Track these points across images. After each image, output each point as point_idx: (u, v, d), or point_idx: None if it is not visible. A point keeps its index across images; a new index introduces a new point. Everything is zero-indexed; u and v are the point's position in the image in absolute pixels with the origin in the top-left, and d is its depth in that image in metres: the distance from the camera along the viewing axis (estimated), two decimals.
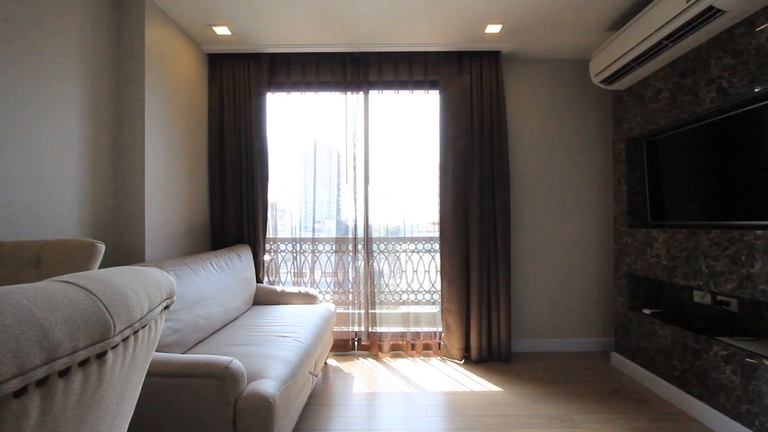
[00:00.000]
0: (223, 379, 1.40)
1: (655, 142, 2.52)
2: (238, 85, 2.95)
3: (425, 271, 3.21)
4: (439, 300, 3.03)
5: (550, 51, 3.02)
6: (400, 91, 3.05)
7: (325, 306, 2.71)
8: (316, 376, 2.24)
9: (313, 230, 3.13)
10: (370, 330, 3.04)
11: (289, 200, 3.21)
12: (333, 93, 3.06)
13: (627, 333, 2.67)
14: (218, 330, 2.17)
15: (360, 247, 3.08)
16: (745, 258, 1.80)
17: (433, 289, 3.19)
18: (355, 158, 3.05)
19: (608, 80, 2.61)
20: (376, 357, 3.00)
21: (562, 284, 3.16)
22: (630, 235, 2.64)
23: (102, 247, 1.30)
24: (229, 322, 2.31)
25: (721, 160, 2.04)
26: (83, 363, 0.41)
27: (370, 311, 3.05)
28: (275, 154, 3.14)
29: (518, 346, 3.12)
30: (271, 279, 3.16)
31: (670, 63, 2.25)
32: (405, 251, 3.22)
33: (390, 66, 3.02)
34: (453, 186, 2.92)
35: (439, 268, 3.04)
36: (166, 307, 0.60)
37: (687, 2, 1.84)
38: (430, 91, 3.07)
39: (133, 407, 0.58)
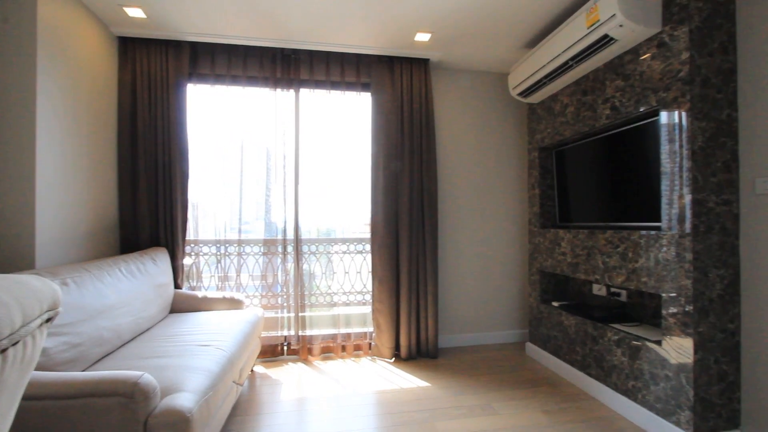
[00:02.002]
0: (131, 396, 1.27)
1: (562, 151, 2.80)
2: (154, 73, 2.70)
3: (357, 272, 3.22)
4: (371, 300, 3.06)
5: (475, 63, 3.21)
6: (332, 91, 3.03)
7: (252, 311, 2.59)
8: (241, 385, 2.13)
9: (240, 231, 2.98)
10: (300, 334, 2.97)
11: (214, 200, 3.02)
12: (262, 89, 2.94)
13: (539, 324, 2.93)
14: (128, 342, 1.97)
15: (290, 248, 3.00)
16: (631, 254, 2.07)
17: (364, 290, 3.21)
18: (285, 157, 2.96)
19: (524, 93, 2.85)
20: (306, 361, 2.94)
21: (483, 281, 3.38)
22: (541, 236, 2.91)
23: None
24: (141, 333, 2.11)
25: (614, 169, 2.33)
26: None
27: (300, 314, 2.98)
28: (198, 150, 2.93)
29: (445, 342, 3.27)
30: (192, 284, 2.94)
31: (575, 81, 2.52)
32: (337, 252, 3.20)
33: (322, 65, 2.99)
34: (384, 188, 2.97)
35: (370, 269, 3.07)
36: (48, 320, 0.53)
37: (588, 29, 2.07)
38: (362, 94, 3.09)
39: None
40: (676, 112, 1.82)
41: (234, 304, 2.65)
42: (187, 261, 2.91)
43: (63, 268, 1.73)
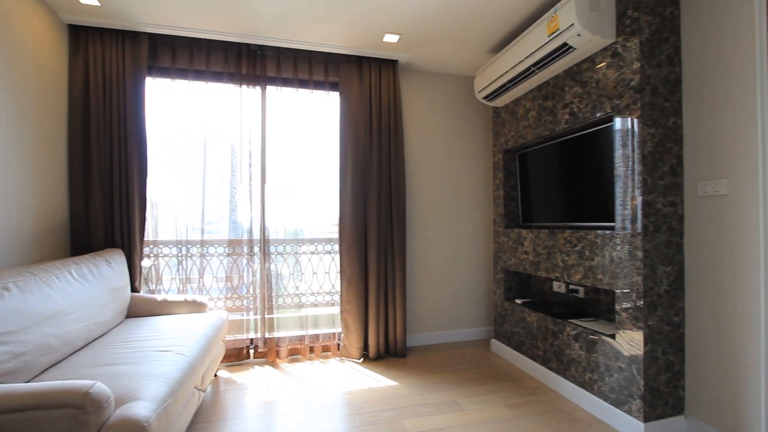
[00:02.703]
0: (81, 407, 1.19)
1: (525, 154, 2.90)
2: (109, 65, 2.55)
3: (325, 273, 3.19)
4: (339, 301, 3.04)
5: (442, 65, 3.27)
6: (300, 90, 2.98)
7: (216, 314, 2.50)
8: (203, 391, 2.05)
9: (203, 231, 2.87)
10: (266, 336, 2.90)
11: (175, 198, 2.90)
12: (227, 85, 2.85)
13: (504, 321, 3.03)
14: (79, 350, 1.85)
15: (256, 249, 2.93)
16: (588, 253, 2.18)
17: (333, 290, 3.19)
18: (251, 156, 2.89)
19: (489, 97, 2.93)
20: (273, 364, 2.88)
21: (451, 280, 3.44)
22: (505, 235, 3.00)
23: None
24: (94, 340, 1.99)
25: (573, 171, 2.45)
26: None
27: (266, 316, 2.92)
28: (158, 146, 2.80)
29: (413, 341, 3.31)
30: (151, 287, 2.81)
31: (537, 87, 2.62)
32: (305, 253, 3.16)
33: (289, 63, 2.94)
34: (352, 187, 2.96)
35: (339, 269, 3.05)
36: None
37: (548, 37, 2.16)
38: (331, 93, 3.07)
39: None
40: (629, 119, 1.93)
41: (196, 307, 2.56)
42: (145, 263, 2.77)
43: (5, 272, 1.60)
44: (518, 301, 2.90)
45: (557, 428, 2.01)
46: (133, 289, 2.59)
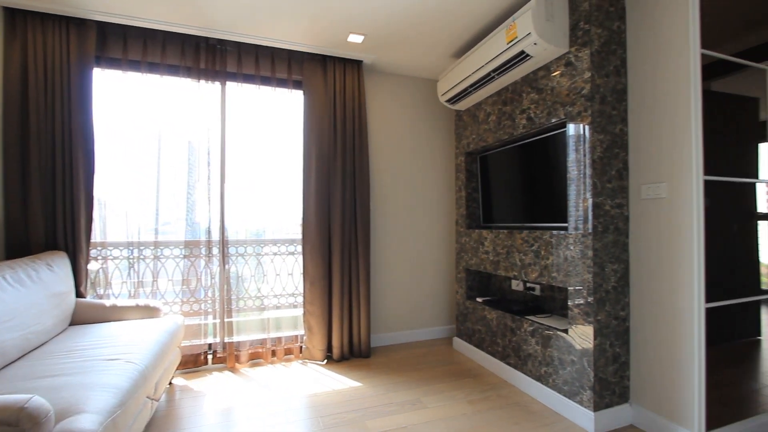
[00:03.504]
0: (15, 424, 1.10)
1: (486, 156, 3.00)
2: (52, 53, 2.37)
3: (289, 274, 3.13)
4: (302, 302, 3.00)
5: (407, 68, 3.31)
6: (262, 87, 2.91)
7: (171, 319, 2.39)
8: (157, 401, 1.95)
9: (157, 232, 2.73)
10: (226, 340, 2.81)
11: (126, 197, 2.74)
12: (184, 79, 2.73)
13: (465, 319, 3.10)
14: (15, 361, 1.70)
15: (215, 250, 2.83)
16: (543, 252, 2.28)
17: (296, 292, 3.14)
18: (209, 153, 2.78)
19: (451, 101, 3.00)
20: (232, 369, 2.79)
21: (415, 280, 3.49)
22: (467, 235, 3.08)
23: None
24: (33, 350, 1.84)
25: (530, 174, 2.55)
26: None
27: (226, 320, 2.82)
28: (107, 142, 2.64)
29: (377, 341, 3.32)
30: (99, 292, 2.64)
31: (497, 92, 2.71)
32: (267, 254, 3.08)
33: (251, 59, 2.86)
34: (316, 188, 2.93)
35: (302, 270, 3.00)
36: None
37: (507, 44, 2.24)
38: (294, 91, 3.02)
39: None
40: (581, 125, 2.04)
41: (149, 312, 2.42)
42: (92, 266, 2.60)
43: None
44: (479, 300, 2.98)
45: (514, 421, 2.08)
46: (79, 294, 2.42)
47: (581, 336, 2.04)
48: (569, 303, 2.11)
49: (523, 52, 2.18)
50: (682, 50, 1.80)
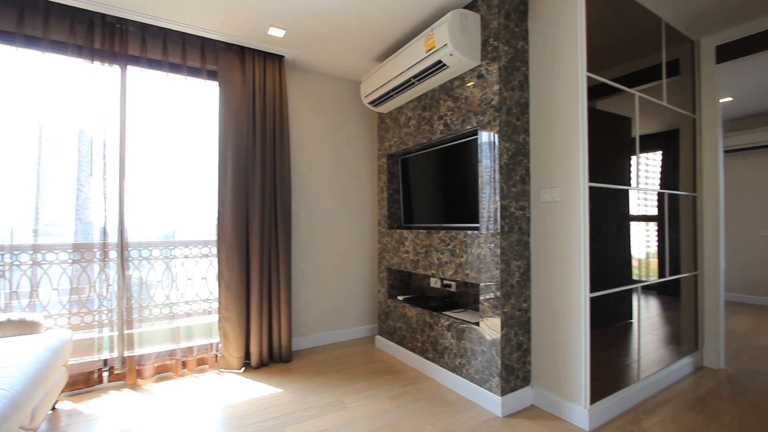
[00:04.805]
0: None
1: (407, 159, 3.10)
2: None
3: (202, 278, 2.91)
4: (217, 308, 2.81)
5: (331, 67, 3.28)
6: (171, 74, 2.67)
7: (55, 334, 2.07)
8: (34, 430, 1.68)
9: (36, 234, 2.35)
10: (125, 354, 2.52)
11: None
12: (74, 59, 2.39)
13: (387, 318, 3.18)
14: None
15: (113, 254, 2.52)
16: (458, 251, 2.43)
17: (210, 297, 2.93)
18: (105, 146, 2.47)
19: (374, 103, 3.04)
20: (134, 386, 2.51)
21: (337, 281, 3.48)
22: (389, 235, 3.16)
23: None
24: None
25: (446, 177, 2.70)
26: None
27: (126, 332, 2.53)
28: None
29: (299, 344, 3.24)
30: None
31: (417, 98, 2.82)
32: (178, 257, 2.83)
33: (158, 43, 2.61)
34: (233, 185, 2.77)
35: (217, 274, 2.81)
36: None
37: (426, 53, 2.34)
38: (209, 82, 2.82)
39: None
40: (490, 133, 2.21)
41: (26, 327, 2.08)
42: None
43: None
44: (400, 298, 3.07)
45: (432, 411, 2.19)
46: None
47: (491, 327, 2.21)
48: (481, 297, 2.27)
49: (440, 61, 2.30)
50: (571, 72, 2.05)
